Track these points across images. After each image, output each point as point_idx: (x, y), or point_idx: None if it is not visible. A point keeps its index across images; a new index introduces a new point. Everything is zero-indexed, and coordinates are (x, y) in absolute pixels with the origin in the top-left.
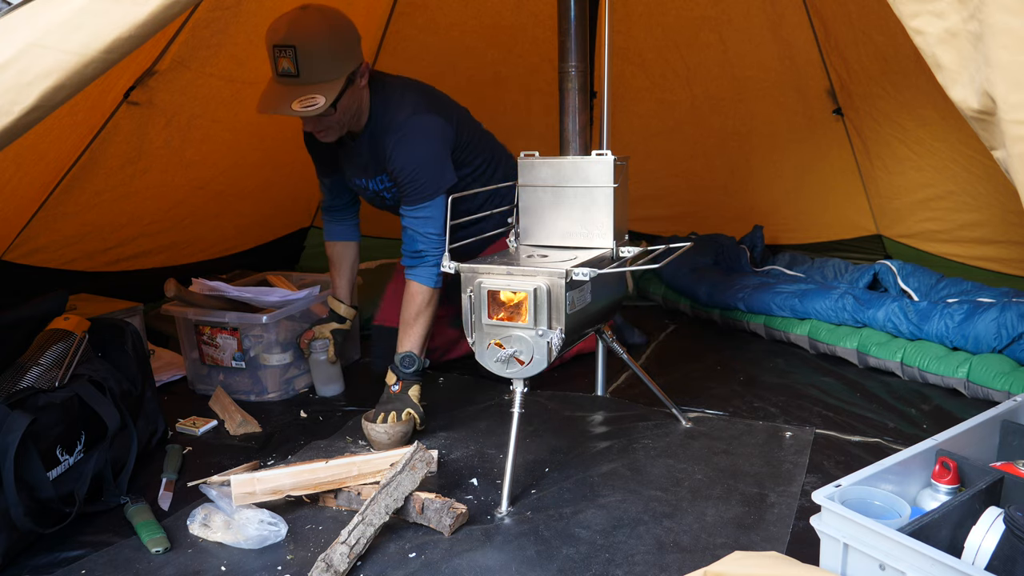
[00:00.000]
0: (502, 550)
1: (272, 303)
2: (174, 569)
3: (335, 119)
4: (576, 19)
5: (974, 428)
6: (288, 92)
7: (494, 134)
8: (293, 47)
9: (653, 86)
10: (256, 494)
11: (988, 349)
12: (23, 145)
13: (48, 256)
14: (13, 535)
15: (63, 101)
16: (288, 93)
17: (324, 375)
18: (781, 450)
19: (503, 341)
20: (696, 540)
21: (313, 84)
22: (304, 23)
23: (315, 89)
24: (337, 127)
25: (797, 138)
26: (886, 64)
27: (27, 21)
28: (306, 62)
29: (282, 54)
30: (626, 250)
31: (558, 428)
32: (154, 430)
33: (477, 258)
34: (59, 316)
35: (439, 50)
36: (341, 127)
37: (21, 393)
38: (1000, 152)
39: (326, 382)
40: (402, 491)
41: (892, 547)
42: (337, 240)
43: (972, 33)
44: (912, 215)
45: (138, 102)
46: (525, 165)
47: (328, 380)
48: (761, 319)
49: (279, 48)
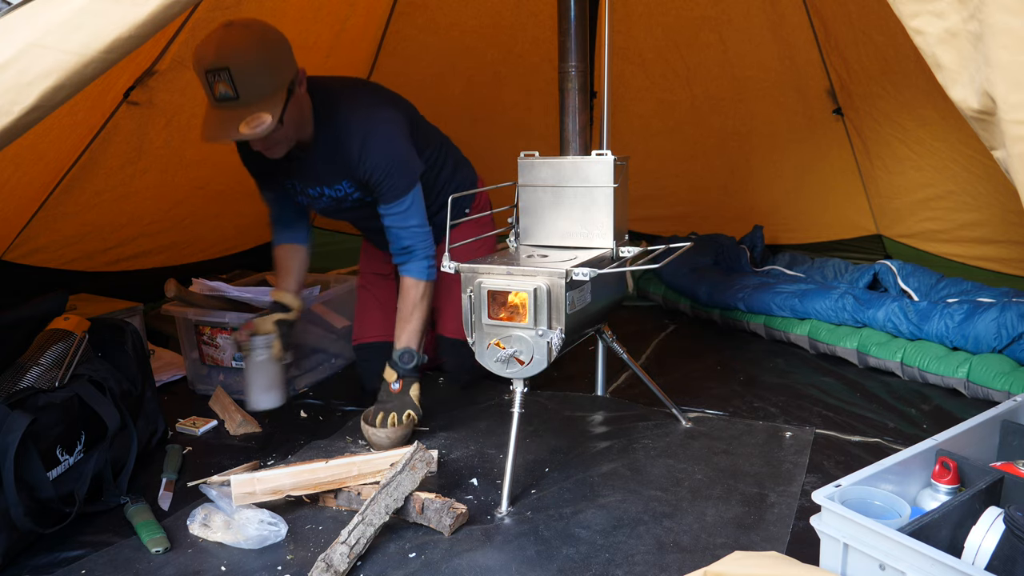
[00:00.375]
0: (502, 550)
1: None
2: (174, 569)
3: (283, 134)
4: (576, 19)
5: (974, 428)
6: (231, 116)
7: (494, 134)
8: (227, 68)
9: (653, 86)
10: (256, 494)
11: (988, 349)
12: (23, 145)
13: (48, 256)
14: (13, 535)
15: (63, 101)
16: (231, 117)
17: (265, 379)
18: (781, 450)
19: (503, 341)
20: (696, 540)
21: (255, 103)
22: (232, 42)
23: (258, 107)
24: (285, 141)
25: (797, 138)
26: (886, 64)
27: (27, 21)
28: (243, 81)
29: (217, 78)
30: (626, 250)
31: (558, 428)
32: (154, 430)
33: (477, 258)
34: (59, 316)
35: (439, 50)
36: (289, 141)
37: (21, 393)
38: (1000, 152)
39: (266, 388)
40: (402, 491)
41: (892, 547)
42: (285, 243)
43: (972, 33)
44: (912, 215)
45: (138, 102)
46: (525, 165)
47: (268, 386)
48: (761, 319)
49: (212, 72)
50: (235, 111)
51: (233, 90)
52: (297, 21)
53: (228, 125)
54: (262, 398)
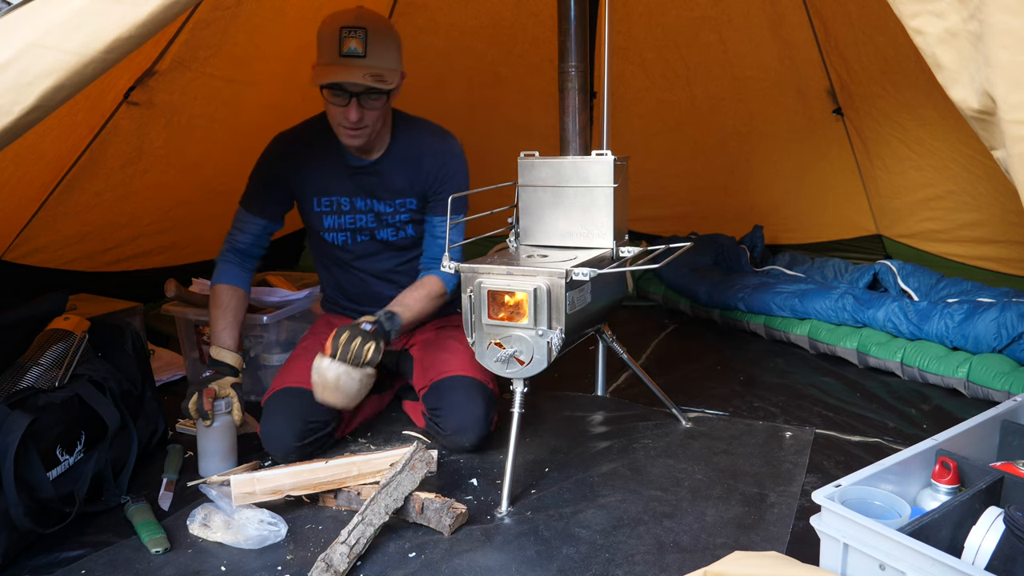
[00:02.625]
0: (502, 550)
1: (272, 303)
2: (174, 569)
3: (376, 116)
4: (576, 19)
5: (974, 428)
6: (353, 70)
7: (494, 134)
8: (364, 29)
9: (653, 86)
10: (256, 494)
11: (988, 349)
12: (23, 145)
13: (48, 256)
14: (13, 535)
15: (63, 101)
16: (353, 71)
17: (227, 443)
18: (781, 450)
19: (503, 341)
20: (696, 540)
21: (379, 66)
22: (371, 15)
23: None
24: (371, 127)
25: (797, 138)
26: (886, 64)
27: (27, 21)
28: (375, 44)
29: (351, 34)
30: (626, 250)
31: (558, 428)
32: (154, 430)
33: (477, 258)
34: (59, 316)
35: (439, 50)
36: (373, 131)
37: (21, 393)
38: (1000, 152)
39: (230, 452)
40: (402, 491)
41: (892, 547)
42: (227, 283)
43: (972, 33)
44: (912, 215)
45: (138, 102)
46: (525, 165)
47: (231, 450)
48: (761, 319)
49: (348, 29)
50: (358, 67)
51: (364, 48)
52: (297, 21)
53: (353, 73)
54: (221, 465)
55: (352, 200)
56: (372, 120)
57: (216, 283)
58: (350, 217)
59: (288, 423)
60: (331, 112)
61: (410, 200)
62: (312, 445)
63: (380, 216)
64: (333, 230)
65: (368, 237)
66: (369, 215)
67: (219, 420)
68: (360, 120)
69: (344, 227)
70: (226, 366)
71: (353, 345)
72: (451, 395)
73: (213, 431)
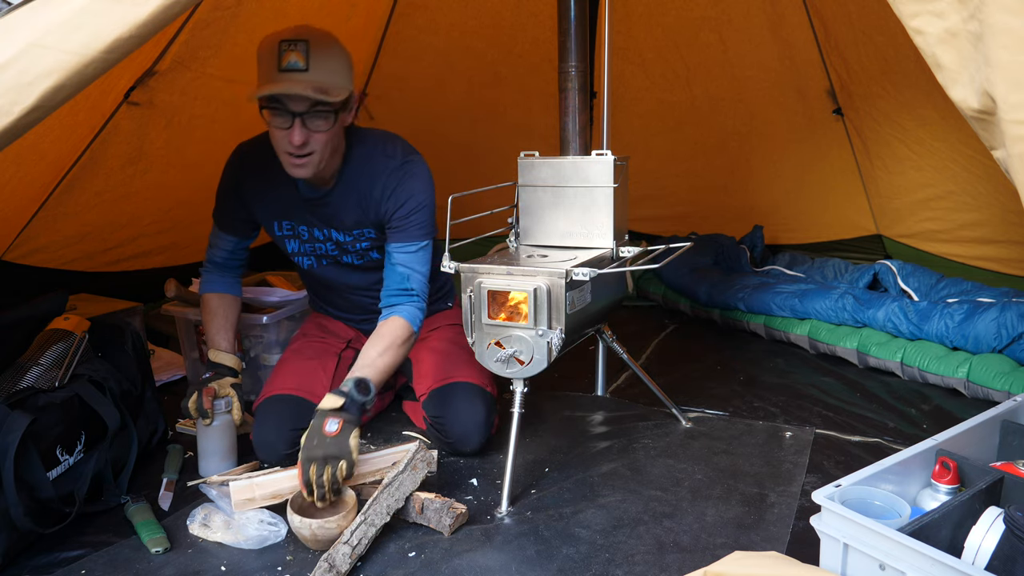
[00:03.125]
0: (502, 550)
1: (272, 303)
2: (174, 569)
3: (324, 139)
4: (576, 19)
5: (974, 428)
6: (293, 83)
7: (494, 134)
8: (305, 41)
9: (653, 86)
10: (256, 500)
11: (988, 349)
12: (23, 145)
13: (48, 256)
14: (13, 535)
15: (63, 101)
16: (293, 83)
17: (228, 442)
18: (781, 450)
19: (503, 341)
20: (696, 540)
21: (322, 81)
22: (314, 29)
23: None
24: (319, 153)
25: (797, 138)
26: (886, 64)
27: (27, 21)
28: (318, 56)
29: (291, 48)
30: (626, 250)
31: (558, 428)
32: (154, 430)
33: (477, 258)
34: (59, 316)
35: (439, 50)
36: (321, 158)
37: (21, 393)
38: (1000, 152)
39: (229, 451)
40: (404, 491)
41: (892, 547)
42: (213, 292)
43: (972, 33)
44: (912, 215)
45: (138, 102)
46: (525, 165)
47: (231, 449)
48: (761, 319)
49: (288, 43)
50: (299, 81)
51: (305, 61)
52: (297, 22)
53: (292, 85)
54: (222, 465)
55: (310, 229)
56: (320, 145)
57: (203, 292)
58: (310, 245)
59: (278, 431)
60: (275, 137)
61: (367, 229)
62: None
63: (340, 245)
64: (298, 254)
65: (332, 263)
66: (329, 243)
67: (219, 420)
68: (304, 144)
69: (307, 252)
70: (224, 367)
71: (326, 479)
72: (452, 403)
73: (213, 431)
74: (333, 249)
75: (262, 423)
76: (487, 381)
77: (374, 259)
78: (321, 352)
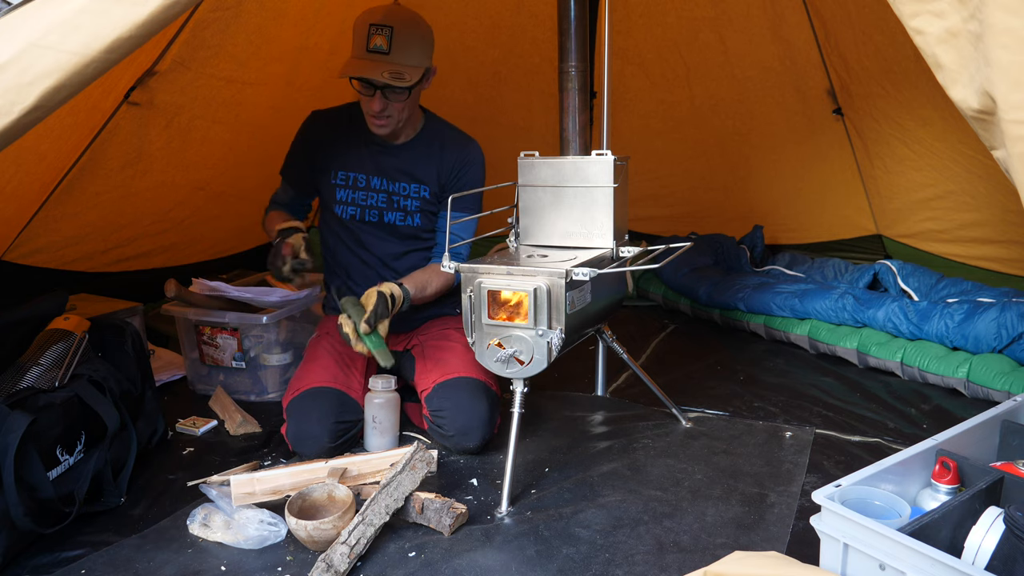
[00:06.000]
0: (502, 550)
1: (272, 303)
2: (174, 569)
3: (400, 107)
4: (576, 19)
5: (974, 428)
6: (375, 65)
7: (494, 134)
8: (391, 27)
9: (653, 86)
10: (256, 494)
11: (988, 349)
12: (23, 145)
13: (48, 256)
14: (13, 535)
15: (63, 101)
16: (375, 66)
17: (395, 416)
18: (781, 450)
19: (503, 341)
20: (696, 540)
21: (399, 64)
22: (401, 12)
23: (402, 66)
24: (396, 118)
25: (797, 138)
26: (886, 64)
27: (27, 21)
28: (399, 42)
29: (378, 32)
30: (626, 250)
31: (558, 428)
32: (154, 430)
33: (477, 258)
34: (59, 316)
35: (439, 50)
36: (398, 120)
37: (21, 393)
38: (1000, 152)
39: (390, 428)
40: (402, 491)
41: (892, 547)
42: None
43: (972, 33)
44: (912, 215)
45: (138, 103)
46: (525, 165)
47: (396, 423)
48: (761, 319)
49: (376, 26)
50: (381, 63)
51: (388, 45)
52: (298, 21)
53: (371, 69)
54: (383, 440)
55: (368, 178)
56: (396, 111)
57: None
58: (363, 194)
59: (322, 424)
60: (361, 101)
61: (425, 188)
62: (345, 444)
63: (392, 196)
64: (344, 203)
65: (376, 218)
66: (381, 195)
67: (382, 396)
68: (383, 111)
69: (356, 202)
70: (290, 229)
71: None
72: (454, 397)
73: (382, 406)
74: (383, 201)
75: (303, 416)
76: (491, 380)
77: (415, 225)
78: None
